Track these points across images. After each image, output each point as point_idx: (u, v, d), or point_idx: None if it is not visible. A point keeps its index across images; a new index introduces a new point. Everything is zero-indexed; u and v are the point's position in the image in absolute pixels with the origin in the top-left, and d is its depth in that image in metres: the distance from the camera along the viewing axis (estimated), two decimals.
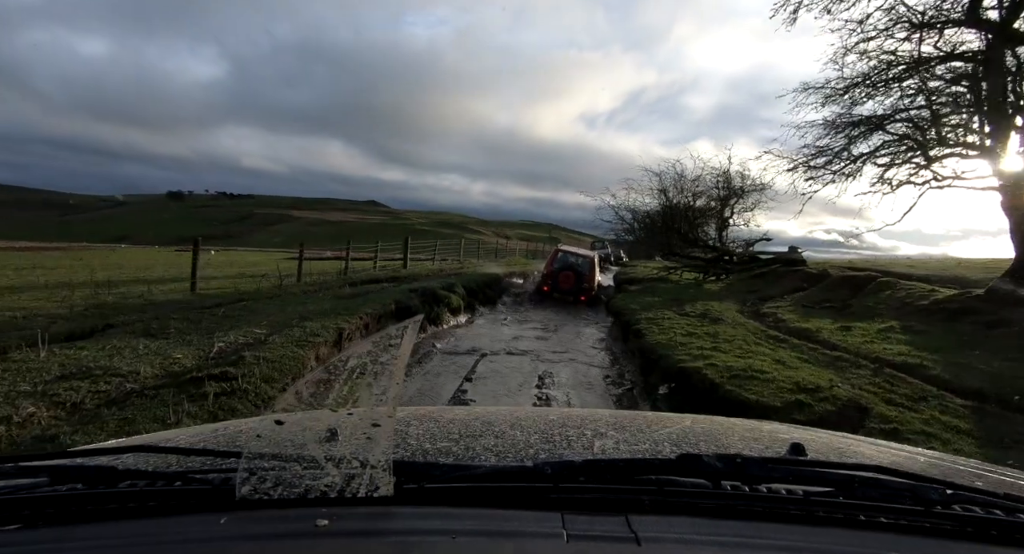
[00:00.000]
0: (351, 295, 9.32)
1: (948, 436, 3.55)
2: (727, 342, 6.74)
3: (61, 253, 19.98)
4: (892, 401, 4.28)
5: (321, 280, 12.07)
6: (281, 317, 6.64)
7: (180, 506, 0.61)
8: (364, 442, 0.63)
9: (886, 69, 8.61)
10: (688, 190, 17.82)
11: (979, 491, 0.68)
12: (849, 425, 3.67)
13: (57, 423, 3.07)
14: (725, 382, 4.81)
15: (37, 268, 12.53)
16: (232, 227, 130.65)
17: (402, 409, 0.96)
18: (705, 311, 9.55)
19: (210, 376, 3.92)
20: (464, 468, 0.67)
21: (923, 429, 3.59)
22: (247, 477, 0.61)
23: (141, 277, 11.42)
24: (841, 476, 0.67)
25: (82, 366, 4.02)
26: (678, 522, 0.60)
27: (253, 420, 1.10)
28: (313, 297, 8.91)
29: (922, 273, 12.08)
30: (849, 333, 7.75)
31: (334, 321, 6.62)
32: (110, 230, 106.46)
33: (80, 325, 5.54)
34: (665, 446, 0.88)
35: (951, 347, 6.24)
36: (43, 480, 0.65)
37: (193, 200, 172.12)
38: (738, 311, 10.35)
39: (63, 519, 0.60)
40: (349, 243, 14.47)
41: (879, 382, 4.85)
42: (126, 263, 15.98)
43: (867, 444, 1.11)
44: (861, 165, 9.99)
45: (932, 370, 5.27)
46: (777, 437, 1.01)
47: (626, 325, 8.80)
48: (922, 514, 0.63)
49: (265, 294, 9.13)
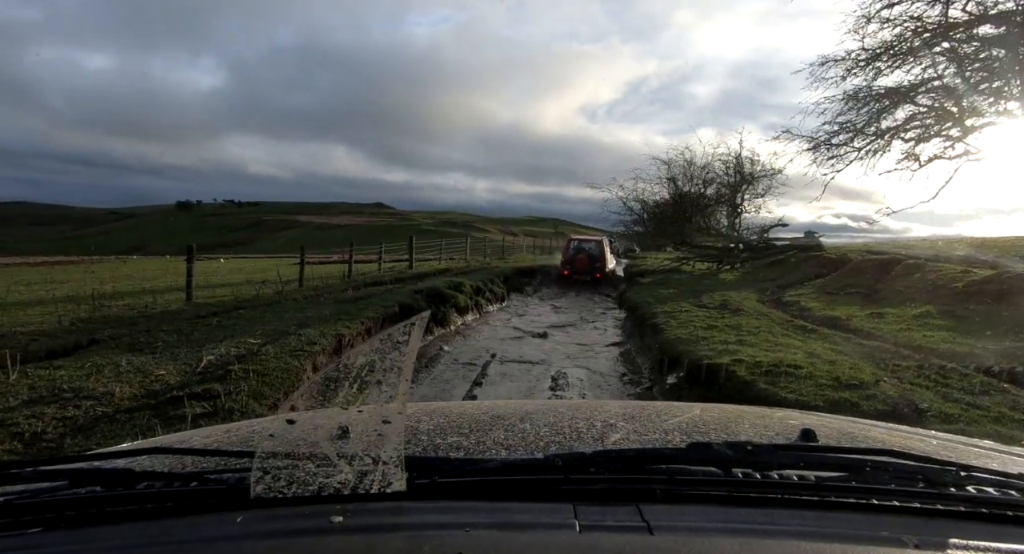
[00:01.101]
0: (353, 299, 8.98)
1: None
2: (752, 334, 6.29)
3: (74, 266, 19.96)
4: (950, 397, 3.83)
5: (324, 284, 11.76)
6: (278, 325, 6.30)
7: (197, 506, 0.62)
8: (375, 439, 0.64)
9: (912, 37, 8.01)
10: (698, 178, 17.27)
11: (992, 472, 0.68)
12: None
13: (11, 458, 2.73)
14: (757, 380, 4.38)
15: (50, 282, 12.39)
16: (241, 234, 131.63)
17: (412, 405, 0.95)
18: (724, 302, 9.09)
19: (191, 395, 3.57)
20: (475, 462, 0.68)
21: (996, 430, 3.14)
22: (261, 476, 0.61)
23: (148, 287, 11.17)
24: (853, 460, 0.67)
25: (54, 388, 3.69)
26: (690, 511, 0.60)
27: (265, 420, 1.10)
28: (314, 302, 8.58)
29: (946, 254, 11.50)
30: (882, 320, 7.26)
31: (333, 327, 6.27)
32: (123, 242, 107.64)
33: (63, 341, 5.23)
34: (675, 435, 0.87)
35: (1001, 333, 5.74)
36: (63, 483, 0.66)
37: (202, 209, 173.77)
38: (758, 300, 9.87)
39: (84, 521, 0.61)
40: (352, 246, 14.15)
41: (929, 375, 4.38)
42: (136, 274, 15.81)
43: (879, 428, 1.08)
44: (890, 139, 9.37)
45: (987, 360, 4.79)
46: (787, 423, 0.99)
47: (641, 320, 8.37)
48: (935, 496, 0.62)
49: (265, 301, 8.81)
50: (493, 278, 12.95)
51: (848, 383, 4.14)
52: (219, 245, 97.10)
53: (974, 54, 8.04)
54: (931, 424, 3.34)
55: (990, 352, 5.00)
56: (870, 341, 6.03)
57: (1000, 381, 4.22)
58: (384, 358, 0.69)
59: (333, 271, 14.47)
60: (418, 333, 0.70)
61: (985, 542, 0.56)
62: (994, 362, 4.71)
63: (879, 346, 5.60)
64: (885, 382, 4.19)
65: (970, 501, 0.62)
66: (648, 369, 6.32)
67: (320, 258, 18.08)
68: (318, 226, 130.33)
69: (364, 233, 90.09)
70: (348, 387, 0.67)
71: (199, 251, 10.85)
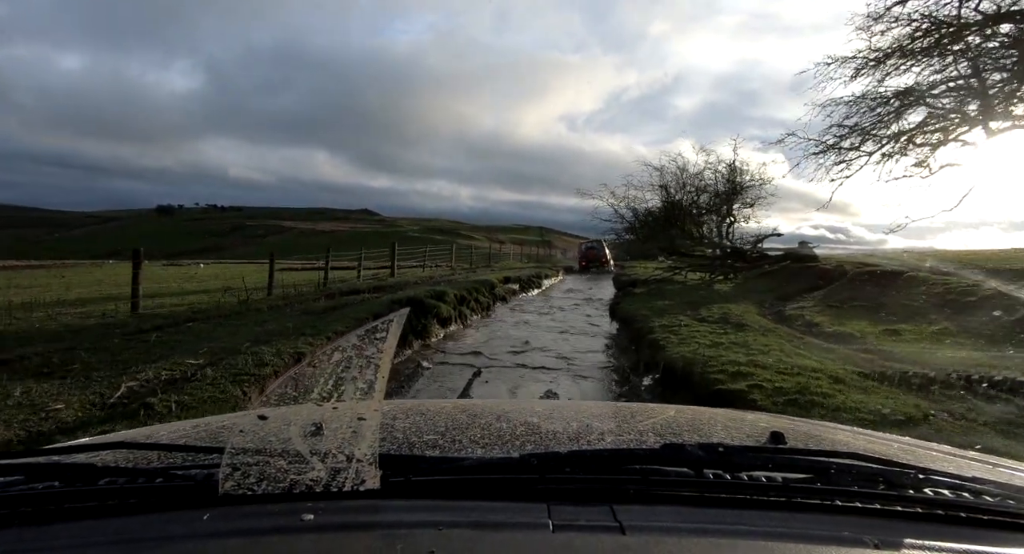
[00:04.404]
0: (324, 309, 8.20)
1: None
2: (763, 353, 5.67)
3: (44, 271, 18.82)
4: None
5: (296, 293, 10.94)
6: (229, 341, 5.52)
7: (162, 503, 0.60)
8: (350, 436, 0.63)
9: (923, 36, 7.56)
10: (690, 185, 16.78)
11: (948, 475, 0.69)
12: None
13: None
14: (785, 411, 3.74)
15: (13, 287, 11.44)
16: (223, 239, 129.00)
17: (387, 403, 0.95)
18: (724, 315, 8.49)
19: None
20: (450, 461, 0.68)
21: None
22: (230, 472, 0.60)
23: (116, 294, 10.26)
24: (819, 462, 0.68)
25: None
26: (662, 511, 0.60)
27: (236, 415, 1.07)
28: (278, 313, 7.79)
29: (930, 265, 11.10)
30: (899, 338, 6.70)
31: (294, 344, 5.51)
32: (101, 246, 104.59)
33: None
34: (650, 436, 0.88)
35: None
36: (17, 478, 0.64)
37: (183, 214, 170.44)
38: (759, 314, 9.30)
39: (40, 518, 0.58)
40: (329, 252, 13.38)
41: (983, 407, 3.78)
42: (107, 279, 14.77)
43: (844, 431, 1.10)
44: (907, 143, 8.87)
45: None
46: (758, 426, 1.01)
47: (638, 335, 7.72)
48: (895, 498, 0.63)
49: (224, 311, 7.99)
50: (480, 286, 12.25)
51: (893, 419, 3.51)
52: (201, 250, 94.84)
53: (991, 51, 7.62)
54: None
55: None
56: (893, 362, 5.45)
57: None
58: (361, 354, 0.68)
59: (311, 277, 13.66)
60: (396, 330, 0.72)
61: (940, 542, 0.57)
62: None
63: (908, 369, 5.01)
64: (934, 416, 3.57)
65: (927, 503, 0.63)
66: (651, 393, 5.66)
67: (303, 264, 17.22)
68: (302, 231, 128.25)
69: (349, 239, 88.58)
70: (323, 383, 0.67)
71: (180, 256, 10.43)
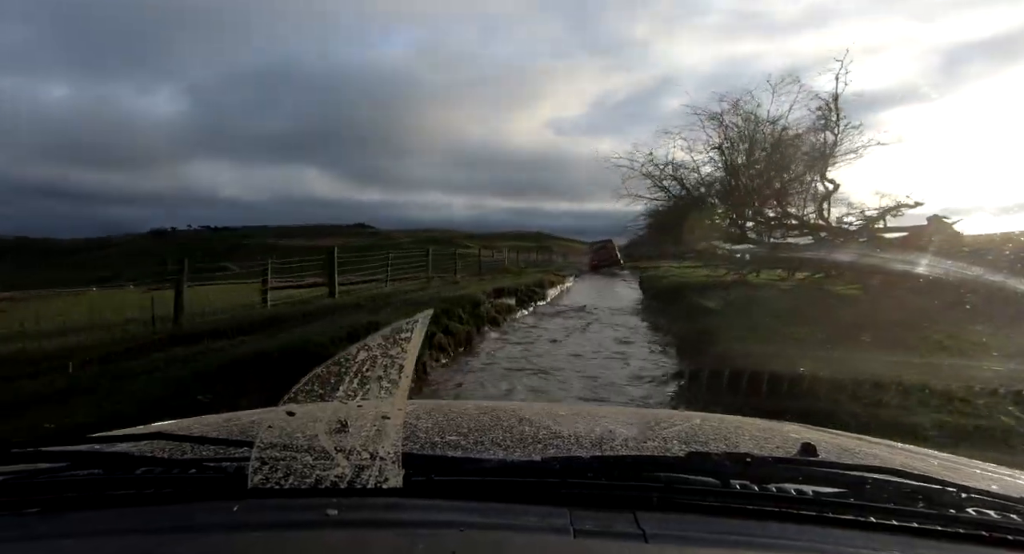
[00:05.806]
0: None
1: None
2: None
3: (14, 303, 15.54)
4: None
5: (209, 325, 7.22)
6: None
7: (194, 493, 0.62)
8: (374, 434, 0.63)
9: None
10: (765, 140, 11.63)
11: (994, 494, 0.66)
12: None
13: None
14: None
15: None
16: (218, 261, 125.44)
17: (411, 402, 0.94)
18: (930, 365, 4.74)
19: None
20: (472, 462, 0.68)
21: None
22: (259, 466, 0.60)
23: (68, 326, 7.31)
24: (853, 477, 0.66)
25: None
26: (686, 520, 0.58)
27: (265, 411, 1.06)
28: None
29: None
30: None
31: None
32: (97, 271, 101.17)
33: None
34: (674, 444, 0.86)
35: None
36: (64, 465, 0.66)
37: (177, 236, 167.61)
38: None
39: (82, 504, 0.60)
40: (269, 265, 9.87)
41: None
42: (73, 309, 11.11)
43: (881, 445, 1.05)
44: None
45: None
46: (788, 437, 0.98)
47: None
48: (935, 517, 0.60)
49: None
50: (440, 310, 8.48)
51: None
52: (196, 271, 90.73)
53: None
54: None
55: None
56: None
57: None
58: (386, 354, 0.68)
59: (281, 297, 10.06)
60: (421, 330, 0.70)
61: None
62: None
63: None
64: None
65: (970, 523, 0.60)
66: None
67: (288, 283, 13.72)
68: (298, 248, 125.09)
69: (342, 253, 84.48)
70: (348, 382, 0.67)
71: (166, 281, 8.98)
